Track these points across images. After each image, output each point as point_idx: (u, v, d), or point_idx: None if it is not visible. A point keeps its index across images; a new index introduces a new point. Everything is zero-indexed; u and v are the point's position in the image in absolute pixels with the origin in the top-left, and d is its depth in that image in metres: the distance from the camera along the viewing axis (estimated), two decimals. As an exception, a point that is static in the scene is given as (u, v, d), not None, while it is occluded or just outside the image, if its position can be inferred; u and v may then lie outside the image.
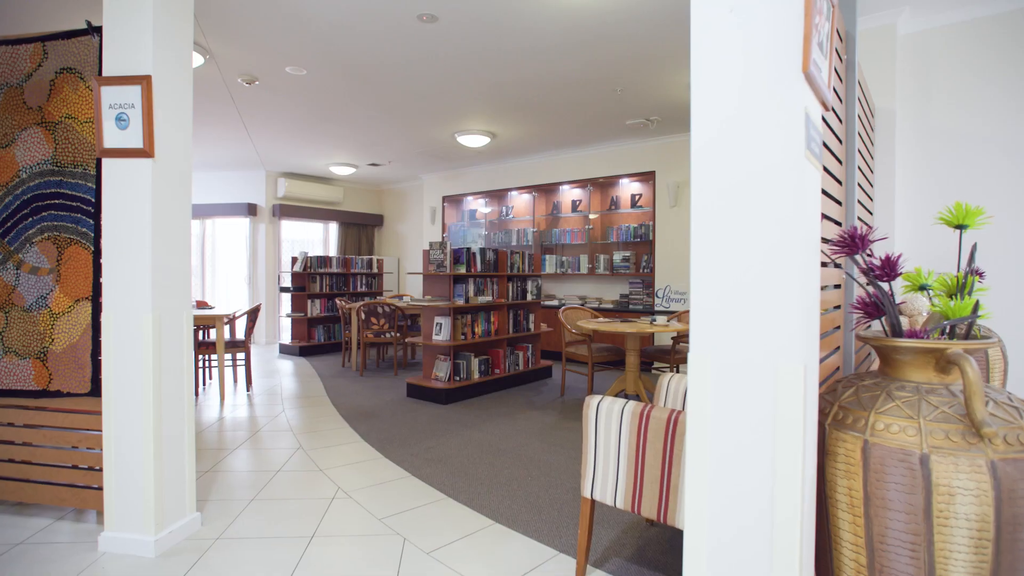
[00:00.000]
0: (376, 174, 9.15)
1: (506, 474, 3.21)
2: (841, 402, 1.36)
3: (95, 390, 2.39)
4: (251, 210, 8.71)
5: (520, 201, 8.29)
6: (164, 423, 2.32)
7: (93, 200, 2.41)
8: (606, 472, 2.02)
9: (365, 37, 3.78)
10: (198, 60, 4.08)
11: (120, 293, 2.27)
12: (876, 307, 1.33)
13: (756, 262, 1.17)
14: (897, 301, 1.55)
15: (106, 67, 2.27)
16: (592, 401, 2.03)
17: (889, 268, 1.28)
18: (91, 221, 2.41)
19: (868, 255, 1.37)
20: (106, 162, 2.28)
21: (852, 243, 1.30)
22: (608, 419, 2.00)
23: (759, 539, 1.21)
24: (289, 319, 8.10)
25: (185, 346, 2.44)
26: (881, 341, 1.33)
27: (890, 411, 1.25)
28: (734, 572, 1.26)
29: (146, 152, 2.24)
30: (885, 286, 1.38)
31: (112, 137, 2.25)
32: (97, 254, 2.39)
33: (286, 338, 8.76)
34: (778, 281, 1.15)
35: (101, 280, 2.35)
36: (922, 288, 1.54)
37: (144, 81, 2.21)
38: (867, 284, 1.78)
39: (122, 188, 2.27)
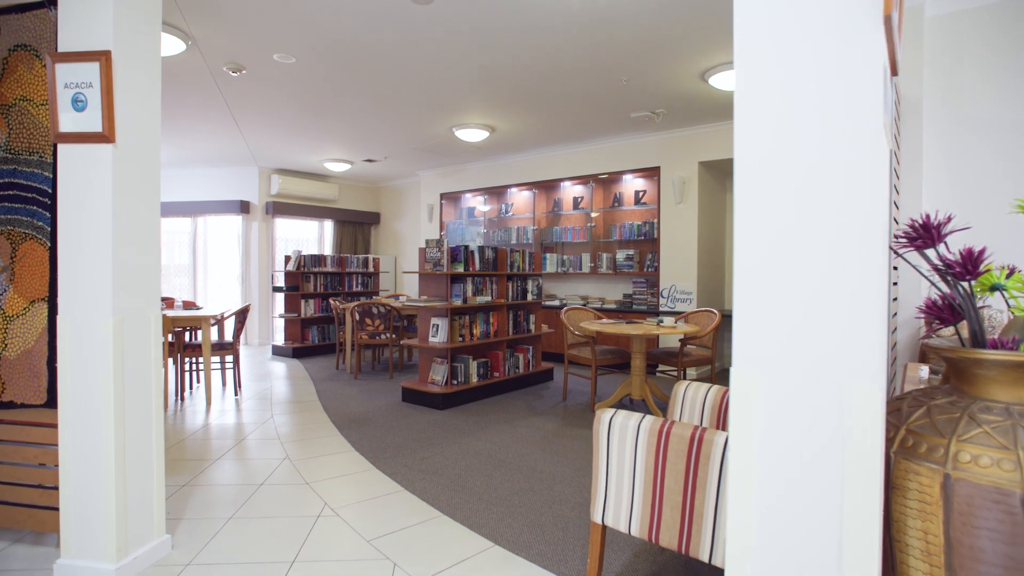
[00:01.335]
0: (372, 171, 8.92)
1: (506, 487, 2.98)
2: (910, 426, 1.13)
3: (51, 401, 2.17)
4: (244, 207, 8.47)
5: (520, 198, 8.06)
6: (128, 438, 2.09)
7: (50, 191, 2.18)
8: (619, 496, 1.80)
9: (356, 21, 3.55)
10: (180, 46, 3.85)
11: (77, 294, 2.04)
12: (952, 311, 1.11)
13: (824, 257, 0.95)
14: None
15: (62, 42, 2.04)
16: (604, 416, 1.81)
17: (971, 264, 1.06)
18: (48, 214, 2.18)
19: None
20: (62, 148, 2.05)
21: (926, 234, 1.08)
22: (622, 436, 1.77)
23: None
24: (282, 320, 7.87)
25: (153, 352, 2.21)
26: (959, 352, 1.11)
27: (976, 439, 1.03)
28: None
29: (106, 137, 2.01)
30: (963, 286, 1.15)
31: (68, 120, 2.02)
32: (54, 251, 2.17)
33: (279, 339, 8.53)
34: (853, 280, 0.93)
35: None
36: (993, 288, 1.32)
37: (103, 57, 1.98)
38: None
39: (79, 177, 2.04)
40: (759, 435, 1.04)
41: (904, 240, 1.14)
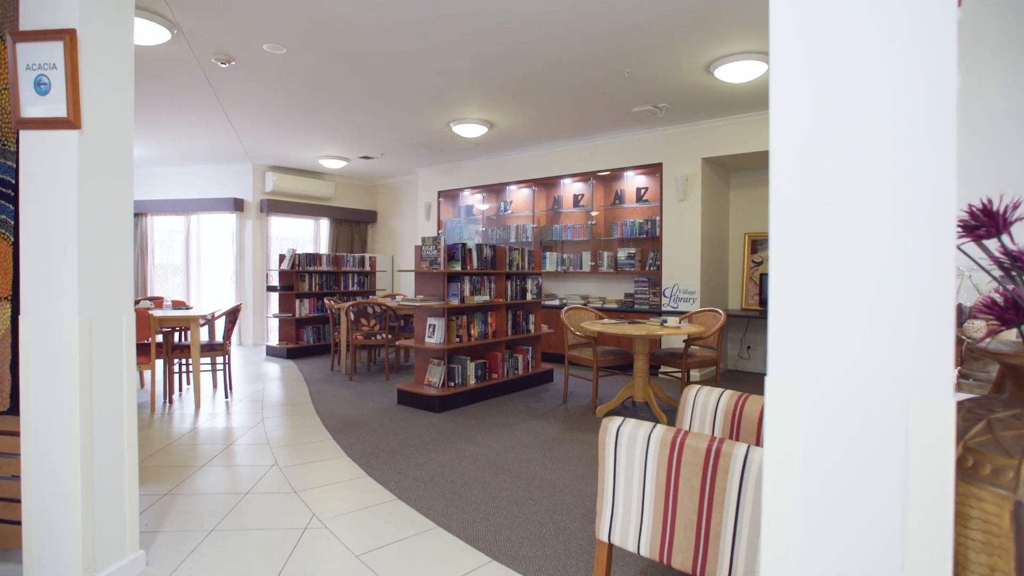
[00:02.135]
0: (369, 168, 8.76)
1: (504, 496, 2.84)
2: (968, 443, 0.99)
3: (15, 407, 2.01)
4: (238, 205, 8.31)
5: (519, 196, 7.91)
6: (97, 447, 1.94)
7: (14, 182, 2.03)
8: (627, 513, 1.65)
9: (347, 7, 3.40)
10: (164, 35, 3.70)
11: (40, 293, 1.89)
12: (1016, 310, 0.97)
13: (885, 247, 0.81)
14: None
15: (23, 20, 1.89)
16: (611, 426, 1.66)
17: (1043, 257, 0.92)
18: (11, 207, 2.03)
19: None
20: (24, 135, 1.90)
21: (989, 221, 0.94)
22: (631, 447, 1.62)
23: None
24: (277, 320, 7.71)
25: (125, 355, 2.06)
26: (1025, 358, 0.96)
27: (1052, 460, 0.88)
28: None
29: (71, 122, 1.85)
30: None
31: (30, 105, 1.87)
32: (19, 246, 2.01)
33: (274, 339, 8.37)
34: (923, 274, 0.79)
35: (22, 277, 1.96)
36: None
37: (67, 36, 1.83)
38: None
39: (42, 166, 1.89)
40: (800, 460, 0.89)
41: (961, 229, 0.99)
